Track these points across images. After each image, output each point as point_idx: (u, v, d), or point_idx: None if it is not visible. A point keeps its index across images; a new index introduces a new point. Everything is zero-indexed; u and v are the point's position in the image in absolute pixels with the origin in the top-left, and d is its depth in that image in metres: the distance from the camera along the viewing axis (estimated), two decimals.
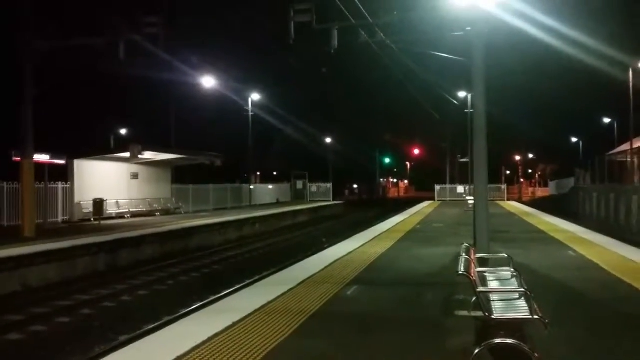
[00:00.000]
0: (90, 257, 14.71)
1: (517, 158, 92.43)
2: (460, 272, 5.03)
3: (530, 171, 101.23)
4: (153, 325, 9.07)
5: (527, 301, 5.01)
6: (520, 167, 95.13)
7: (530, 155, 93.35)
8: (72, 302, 11.49)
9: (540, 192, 74.50)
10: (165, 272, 15.21)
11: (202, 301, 11.06)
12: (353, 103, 74.45)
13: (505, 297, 5.45)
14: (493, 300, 5.35)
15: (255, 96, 40.83)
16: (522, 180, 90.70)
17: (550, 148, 77.15)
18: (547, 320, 4.69)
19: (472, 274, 5.22)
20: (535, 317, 4.66)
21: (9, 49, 18.31)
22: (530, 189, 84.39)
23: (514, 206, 35.59)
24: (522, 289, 5.35)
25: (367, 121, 75.32)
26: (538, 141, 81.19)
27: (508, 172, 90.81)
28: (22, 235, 16.49)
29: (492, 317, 4.76)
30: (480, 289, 5.00)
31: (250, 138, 39.87)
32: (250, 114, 40.08)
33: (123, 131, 48.17)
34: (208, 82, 35.88)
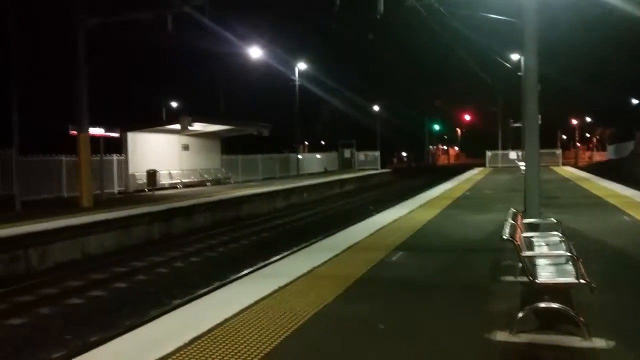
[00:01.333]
0: (144, 226, 15.27)
1: (574, 122, 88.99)
2: (505, 237, 4.95)
3: (588, 135, 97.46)
4: (204, 290, 9.37)
5: (574, 266, 4.90)
6: (577, 131, 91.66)
7: (588, 119, 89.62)
8: (128, 269, 12.02)
9: (598, 157, 71.72)
10: (216, 239, 15.64)
11: (250, 267, 11.33)
12: (401, 69, 73.06)
13: (552, 261, 5.35)
14: (539, 265, 5.26)
15: (301, 66, 40.76)
16: (578, 144, 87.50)
17: (609, 111, 73.74)
18: (593, 285, 4.59)
19: (517, 239, 5.14)
20: (582, 281, 4.56)
21: (63, 25, 18.82)
22: (587, 154, 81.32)
23: (568, 171, 34.47)
24: (569, 254, 5.22)
25: (416, 87, 74.02)
26: (596, 104, 77.76)
27: (564, 137, 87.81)
28: (81, 205, 17.26)
29: (537, 281, 4.69)
30: (525, 253, 4.92)
31: (297, 108, 39.95)
32: (297, 83, 40.08)
33: (174, 104, 49.16)
34: (255, 52, 35.98)
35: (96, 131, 19.73)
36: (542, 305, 4.72)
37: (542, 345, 4.47)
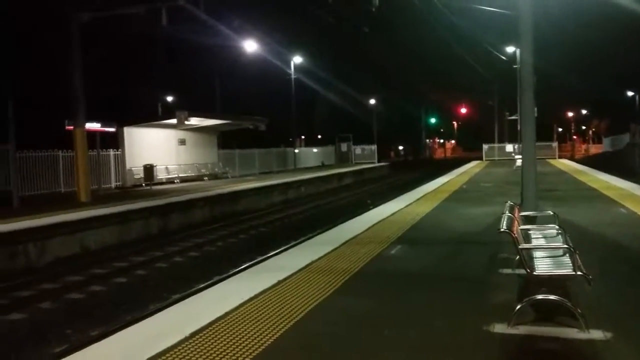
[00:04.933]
0: (143, 221, 15.28)
1: (570, 114, 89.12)
2: (502, 230, 5.00)
3: (583, 128, 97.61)
4: (203, 285, 9.41)
5: (571, 258, 4.95)
6: (572, 124, 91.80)
7: (584, 111, 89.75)
8: (127, 264, 12.05)
9: (594, 149, 71.94)
10: (215, 234, 15.67)
11: (249, 261, 11.37)
12: (397, 63, 72.86)
13: (549, 253, 5.40)
14: (536, 257, 5.31)
15: (297, 59, 40.69)
16: (574, 137, 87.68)
17: (605, 103, 73.78)
18: (590, 277, 4.64)
19: (515, 232, 5.18)
20: (579, 273, 4.62)
21: (56, 21, 18.74)
22: (583, 146, 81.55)
23: (565, 164, 34.58)
24: (565, 246, 5.27)
25: (412, 81, 73.68)
26: (592, 96, 77.81)
27: (560, 129, 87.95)
28: (78, 200, 17.25)
29: (534, 273, 4.74)
30: (522, 246, 4.96)
31: (293, 102, 39.91)
32: (293, 77, 40.03)
33: (169, 98, 49.01)
34: (250, 46, 35.89)
35: (93, 126, 19.69)
36: (540, 297, 4.77)
37: (540, 337, 4.53)
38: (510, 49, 33.76)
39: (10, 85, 16.37)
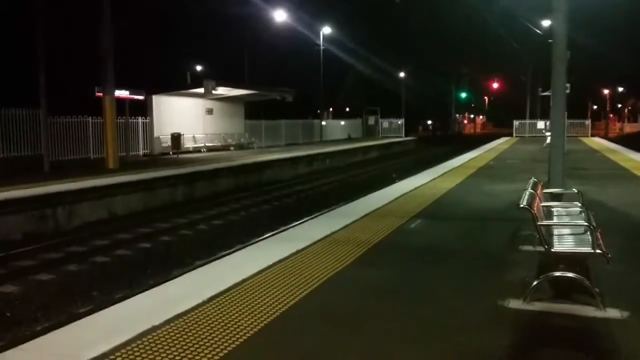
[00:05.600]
0: (169, 188, 15.52)
1: (605, 91, 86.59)
2: (522, 206, 4.93)
3: (619, 106, 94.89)
4: (225, 252, 9.56)
5: (592, 236, 4.88)
6: (608, 102, 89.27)
7: (620, 89, 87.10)
8: (152, 230, 12.29)
9: (629, 128, 70.05)
10: (239, 203, 15.85)
11: (271, 231, 11.49)
12: (428, 36, 71.49)
13: (571, 231, 5.33)
14: (556, 235, 5.24)
15: (326, 30, 40.27)
16: (609, 115, 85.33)
17: None
18: (609, 255, 4.57)
19: (535, 208, 5.11)
20: (597, 251, 4.55)
21: None
22: (618, 125, 79.41)
23: (597, 142, 33.78)
24: (585, 223, 5.19)
25: (443, 54, 72.34)
26: (629, 73, 75.38)
27: (595, 107, 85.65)
28: (107, 167, 17.59)
29: (552, 250, 4.69)
30: (541, 222, 4.90)
31: (321, 73, 39.64)
32: (322, 48, 39.68)
33: (198, 67, 49.18)
34: (280, 15, 35.65)
35: (121, 93, 19.93)
36: (557, 274, 4.73)
37: (554, 314, 4.50)
38: (546, 23, 32.75)
39: (42, 50, 16.60)
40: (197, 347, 3.86)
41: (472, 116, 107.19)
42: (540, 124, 42.95)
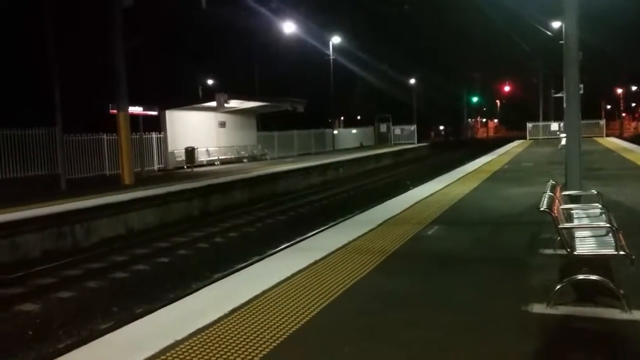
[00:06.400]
0: (185, 202, 15.59)
1: (619, 91, 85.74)
2: (542, 209, 4.88)
3: (633, 105, 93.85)
4: (242, 265, 9.56)
5: (614, 237, 4.81)
6: (622, 101, 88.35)
7: (634, 88, 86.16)
8: (169, 244, 12.34)
9: None
10: (254, 215, 15.88)
11: (287, 242, 11.48)
12: (438, 41, 71.34)
13: (592, 233, 5.26)
14: (578, 237, 5.18)
15: (335, 39, 40.40)
16: (624, 114, 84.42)
17: None
18: (633, 257, 4.50)
19: (555, 211, 5.06)
20: (621, 252, 4.48)
21: (100, 5, 19.10)
22: (633, 124, 78.53)
23: (612, 142, 33.43)
24: (607, 225, 5.12)
25: (454, 59, 72.11)
26: None
27: (609, 107, 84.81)
28: (123, 183, 17.73)
29: (575, 253, 4.64)
30: (562, 225, 4.84)
31: (331, 82, 39.73)
32: (332, 58, 39.81)
33: (210, 81, 49.54)
34: (289, 27, 35.86)
35: (135, 110, 20.13)
36: (581, 277, 4.66)
37: (579, 318, 4.43)
38: (556, 24, 32.58)
39: (57, 69, 16.82)
40: None
41: (484, 120, 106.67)
42: (555, 126, 42.62)
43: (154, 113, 22.33)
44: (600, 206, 6.26)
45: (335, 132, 40.69)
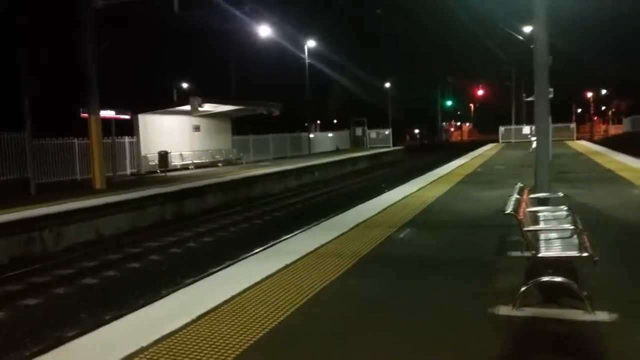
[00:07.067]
0: (157, 207, 15.42)
1: (589, 94, 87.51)
2: (507, 212, 4.95)
3: (603, 108, 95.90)
4: (214, 270, 9.48)
5: (578, 239, 4.90)
6: (592, 104, 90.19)
7: (604, 91, 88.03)
8: (141, 249, 12.19)
9: (614, 130, 70.81)
10: (228, 219, 15.78)
11: (261, 246, 11.42)
12: (411, 46, 71.96)
13: (559, 235, 5.35)
14: (544, 239, 5.26)
15: (311, 43, 40.45)
16: (594, 117, 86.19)
17: (626, 83, 72.21)
18: (596, 258, 4.58)
19: (522, 214, 5.13)
20: (584, 254, 4.57)
21: (69, 8, 18.83)
22: (603, 127, 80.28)
23: (582, 145, 34.12)
24: (571, 227, 5.21)
25: (427, 63, 72.80)
26: (612, 76, 76.10)
27: (579, 110, 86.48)
28: (94, 187, 17.45)
29: (539, 255, 4.71)
30: (527, 228, 4.91)
31: (307, 86, 39.77)
32: (307, 61, 39.84)
33: (184, 85, 49.16)
34: (264, 31, 35.76)
35: (107, 113, 19.84)
36: (545, 279, 4.74)
37: (544, 319, 4.50)
38: (527, 29, 33.16)
39: (26, 73, 16.51)
40: None
41: (458, 124, 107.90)
42: (526, 129, 43.30)
43: (127, 117, 22.03)
44: (566, 208, 6.38)
45: (312, 135, 40.71)
